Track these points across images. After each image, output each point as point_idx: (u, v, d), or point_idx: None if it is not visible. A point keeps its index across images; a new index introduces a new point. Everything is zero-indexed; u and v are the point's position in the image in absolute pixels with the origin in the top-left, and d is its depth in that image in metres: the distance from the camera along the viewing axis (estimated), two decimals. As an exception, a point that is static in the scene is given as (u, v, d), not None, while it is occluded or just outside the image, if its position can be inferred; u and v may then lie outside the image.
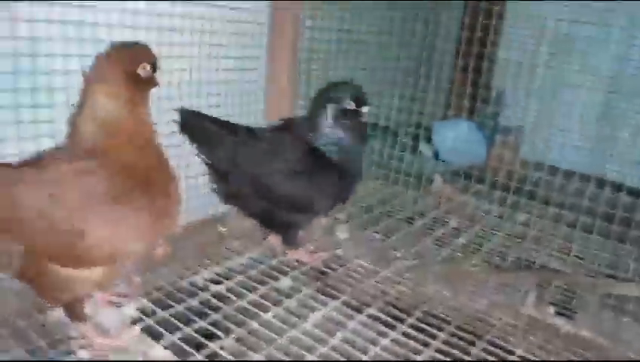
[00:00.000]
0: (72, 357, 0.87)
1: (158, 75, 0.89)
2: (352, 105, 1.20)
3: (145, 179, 0.84)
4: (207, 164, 1.23)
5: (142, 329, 0.95)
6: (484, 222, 1.54)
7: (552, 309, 1.16)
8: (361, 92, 1.23)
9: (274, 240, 1.34)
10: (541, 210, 1.42)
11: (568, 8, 1.77)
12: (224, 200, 1.28)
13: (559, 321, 1.12)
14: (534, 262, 1.37)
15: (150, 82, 0.88)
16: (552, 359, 1.00)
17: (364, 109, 1.21)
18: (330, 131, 1.21)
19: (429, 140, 1.71)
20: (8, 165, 0.83)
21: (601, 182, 1.50)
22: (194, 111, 1.19)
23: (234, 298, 1.08)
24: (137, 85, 0.85)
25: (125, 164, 0.83)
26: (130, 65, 0.85)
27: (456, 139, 1.52)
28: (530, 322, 1.12)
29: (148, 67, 0.86)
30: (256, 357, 0.90)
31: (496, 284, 1.24)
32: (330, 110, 1.20)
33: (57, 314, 0.97)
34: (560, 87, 1.93)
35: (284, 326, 1.00)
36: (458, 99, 1.46)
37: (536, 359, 0.99)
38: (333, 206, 1.28)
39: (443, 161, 1.69)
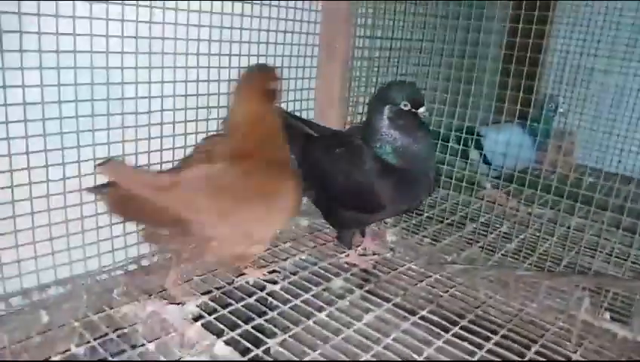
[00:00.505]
0: (140, 349, 0.93)
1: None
2: (407, 106, 1.18)
3: (279, 175, 1.07)
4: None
5: (203, 326, 1.00)
6: (536, 226, 1.52)
7: (607, 315, 1.14)
8: (418, 92, 1.21)
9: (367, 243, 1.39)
10: (597, 214, 1.39)
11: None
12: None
13: (615, 327, 1.10)
14: (590, 268, 1.35)
15: (277, 96, 1.14)
16: (609, 365, 0.99)
17: (421, 110, 1.19)
18: (386, 133, 1.20)
19: (478, 145, 1.71)
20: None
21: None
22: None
23: (289, 297, 1.12)
24: (270, 98, 1.10)
25: (268, 163, 1.05)
26: (268, 83, 1.10)
27: (505, 143, 1.51)
28: (585, 327, 1.10)
29: (277, 84, 1.13)
30: (313, 354, 0.93)
31: (549, 289, 1.23)
32: (386, 111, 1.20)
33: (125, 309, 1.04)
34: (617, 92, 1.89)
35: (338, 326, 1.03)
36: (509, 104, 1.45)
37: (593, 364, 0.98)
38: (396, 210, 1.28)
39: (493, 167, 1.68)
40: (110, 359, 0.88)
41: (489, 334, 1.03)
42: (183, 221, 0.95)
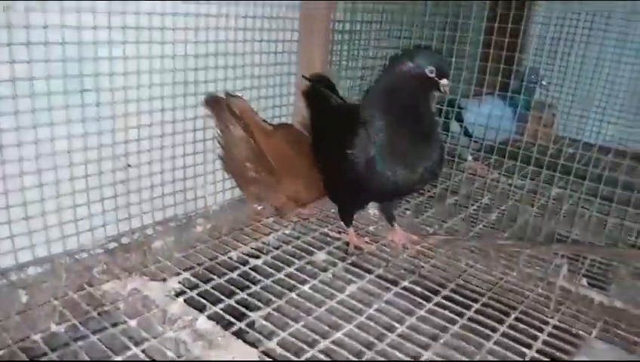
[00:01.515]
0: (122, 326, 0.93)
1: None
2: (432, 73, 1.07)
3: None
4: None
5: (185, 301, 1.00)
6: (516, 197, 1.54)
7: (585, 281, 1.16)
8: (445, 62, 1.12)
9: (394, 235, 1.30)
10: (576, 184, 1.41)
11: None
12: None
13: (592, 292, 1.13)
14: (568, 237, 1.37)
15: None
16: (585, 328, 1.01)
17: (444, 82, 1.09)
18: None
19: (459, 118, 1.71)
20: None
21: (639, 157, 1.48)
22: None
23: (272, 271, 1.12)
24: None
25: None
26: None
27: (485, 115, 1.51)
28: (563, 294, 1.12)
29: None
30: (297, 326, 0.94)
31: (529, 258, 1.25)
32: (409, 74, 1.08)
33: (106, 286, 1.03)
34: (597, 63, 1.90)
35: (322, 298, 1.04)
36: (490, 77, 1.45)
37: (570, 328, 1.00)
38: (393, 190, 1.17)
39: (473, 139, 1.68)
40: (92, 336, 0.87)
41: (470, 302, 1.04)
42: (271, 165, 1.28)
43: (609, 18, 1.92)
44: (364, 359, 0.86)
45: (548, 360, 0.89)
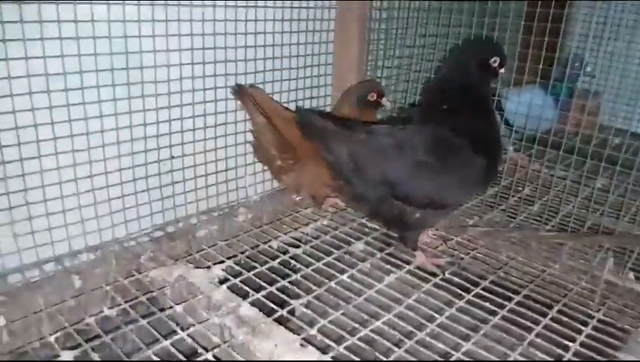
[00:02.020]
0: (169, 311, 0.96)
1: (383, 101, 1.43)
2: (495, 63, 1.06)
3: None
4: (330, 165, 1.12)
5: (229, 288, 1.03)
6: (559, 188, 1.50)
7: (631, 274, 1.13)
8: (504, 51, 1.11)
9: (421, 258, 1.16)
10: (622, 175, 1.37)
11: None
12: (348, 201, 1.30)
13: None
14: (614, 229, 1.33)
15: (376, 104, 1.44)
16: (632, 323, 0.99)
17: (502, 71, 1.09)
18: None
19: (499, 107, 1.68)
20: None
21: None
22: (312, 111, 1.15)
23: (311, 260, 1.14)
24: (366, 105, 1.41)
25: None
26: (364, 92, 1.41)
27: (526, 105, 1.47)
28: (608, 287, 1.10)
29: (375, 95, 1.41)
30: (336, 314, 0.95)
31: (572, 250, 1.22)
32: (474, 64, 1.06)
33: (153, 273, 1.07)
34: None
35: (360, 287, 1.05)
36: (531, 65, 1.41)
37: (616, 322, 0.98)
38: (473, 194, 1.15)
39: (514, 128, 1.65)
40: (141, 320, 0.91)
41: (511, 295, 1.03)
42: (294, 150, 1.30)
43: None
44: (403, 348, 0.87)
45: (592, 354, 0.88)
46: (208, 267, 1.09)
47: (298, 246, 1.20)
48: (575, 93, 1.61)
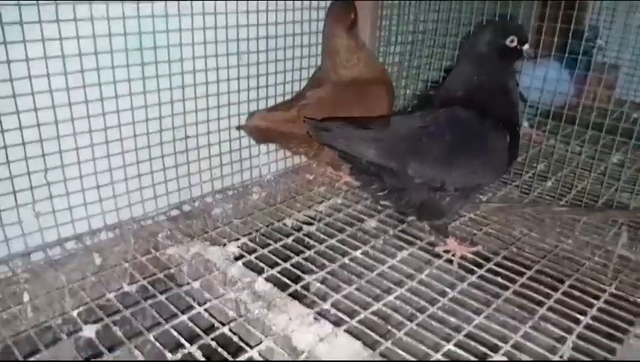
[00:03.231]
0: (186, 287, 0.99)
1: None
2: (514, 42, 1.05)
3: (364, 91, 1.34)
4: (352, 166, 1.13)
5: (244, 264, 1.05)
6: (574, 164, 1.49)
7: (646, 249, 1.13)
8: (522, 28, 1.11)
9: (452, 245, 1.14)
10: (638, 150, 1.35)
11: None
12: (373, 197, 1.24)
13: (654, 261, 1.10)
14: (628, 205, 1.33)
15: (355, 22, 1.36)
16: (645, 297, 0.99)
17: (526, 47, 1.07)
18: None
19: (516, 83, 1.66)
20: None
21: None
22: (325, 124, 1.06)
23: (324, 237, 1.16)
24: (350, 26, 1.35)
25: (353, 83, 1.35)
26: (347, 15, 1.35)
27: (542, 78, 1.45)
28: (622, 262, 1.10)
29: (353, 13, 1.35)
30: (349, 289, 0.97)
31: (586, 225, 1.22)
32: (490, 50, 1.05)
33: (170, 251, 1.10)
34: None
35: (373, 263, 1.06)
36: (547, 37, 1.39)
37: (629, 296, 0.98)
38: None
39: (529, 103, 1.63)
40: (159, 296, 0.94)
41: (523, 270, 1.04)
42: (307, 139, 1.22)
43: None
44: (415, 321, 0.88)
45: (605, 327, 0.88)
46: (224, 244, 1.12)
47: (312, 224, 1.21)
48: (591, 66, 1.58)
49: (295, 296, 0.95)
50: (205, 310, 0.91)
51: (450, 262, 1.09)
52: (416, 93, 1.79)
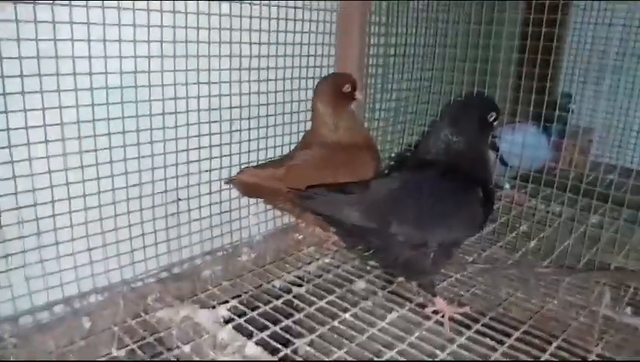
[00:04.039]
0: (176, 351, 0.98)
1: (357, 94, 1.45)
2: (492, 117, 1.17)
3: (350, 155, 1.40)
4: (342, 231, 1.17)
5: (234, 328, 1.05)
6: (555, 225, 1.54)
7: (629, 309, 1.16)
8: (497, 107, 1.20)
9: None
10: (615, 211, 1.41)
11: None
12: (361, 257, 1.31)
13: (637, 321, 1.12)
14: (609, 264, 1.36)
15: (350, 97, 1.45)
16: (631, 357, 1.00)
17: (496, 124, 1.19)
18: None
19: (494, 147, 1.73)
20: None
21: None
22: (308, 192, 1.11)
23: (314, 299, 1.16)
24: (344, 98, 1.44)
25: (339, 147, 1.40)
26: (341, 86, 1.43)
27: (520, 144, 1.53)
28: (606, 322, 1.12)
29: (349, 87, 1.44)
30: (340, 353, 0.97)
31: (570, 285, 1.25)
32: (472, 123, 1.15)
33: (160, 314, 1.10)
34: (631, 88, 1.90)
35: (363, 325, 1.07)
36: (522, 106, 1.48)
37: (614, 357, 1.00)
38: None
39: (509, 167, 1.70)
40: (149, 360, 0.93)
41: (511, 330, 1.05)
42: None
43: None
44: (406, 385, 0.88)
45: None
46: (213, 307, 1.11)
47: (301, 286, 1.22)
48: (566, 132, 1.67)
49: (285, 360, 0.95)
50: (195, 375, 0.90)
51: (441, 324, 1.10)
52: (392, 155, 1.86)
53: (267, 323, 1.06)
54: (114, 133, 1.11)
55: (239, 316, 1.08)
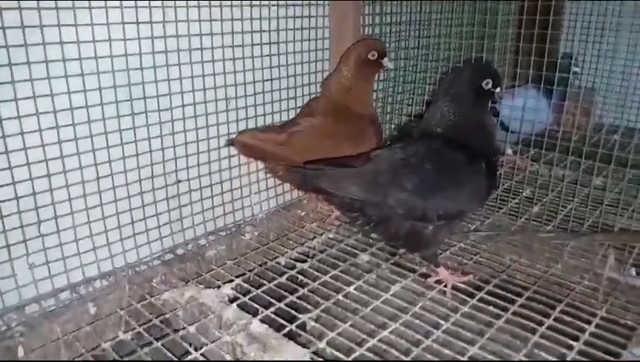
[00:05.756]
0: (182, 332, 0.99)
1: (385, 61, 1.40)
2: (488, 86, 1.13)
3: (354, 127, 1.37)
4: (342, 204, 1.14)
5: (239, 306, 1.06)
6: (558, 189, 1.53)
7: (633, 271, 1.15)
8: (498, 72, 1.17)
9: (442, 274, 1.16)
10: (619, 172, 1.39)
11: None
12: (363, 232, 1.29)
13: (642, 282, 1.12)
14: (613, 226, 1.35)
15: (377, 65, 1.41)
16: (636, 319, 1.01)
17: (498, 90, 1.16)
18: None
19: (495, 112, 1.71)
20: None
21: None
22: (312, 169, 1.11)
23: (318, 274, 1.17)
24: (366, 66, 1.39)
25: (344, 116, 1.37)
26: (364, 52, 1.38)
27: (521, 108, 1.50)
28: (611, 284, 1.12)
29: (375, 54, 1.38)
30: (345, 326, 0.98)
31: (573, 249, 1.24)
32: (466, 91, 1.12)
33: (165, 296, 1.11)
34: (635, 45, 1.85)
35: (367, 298, 1.07)
36: (523, 69, 1.45)
37: (620, 319, 1.00)
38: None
39: (511, 131, 1.68)
40: (155, 342, 0.94)
41: (515, 297, 1.06)
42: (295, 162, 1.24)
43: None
44: (411, 356, 0.89)
45: (598, 352, 0.90)
46: (218, 286, 1.12)
47: (305, 261, 1.23)
48: (567, 95, 1.64)
49: (291, 336, 0.96)
50: (202, 354, 0.91)
51: (444, 293, 1.10)
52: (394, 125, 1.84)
53: (272, 300, 1.07)
54: (108, 118, 1.10)
55: (244, 294, 1.09)
